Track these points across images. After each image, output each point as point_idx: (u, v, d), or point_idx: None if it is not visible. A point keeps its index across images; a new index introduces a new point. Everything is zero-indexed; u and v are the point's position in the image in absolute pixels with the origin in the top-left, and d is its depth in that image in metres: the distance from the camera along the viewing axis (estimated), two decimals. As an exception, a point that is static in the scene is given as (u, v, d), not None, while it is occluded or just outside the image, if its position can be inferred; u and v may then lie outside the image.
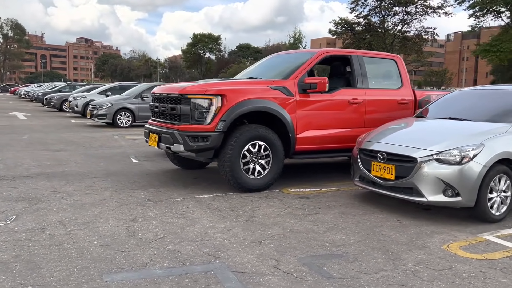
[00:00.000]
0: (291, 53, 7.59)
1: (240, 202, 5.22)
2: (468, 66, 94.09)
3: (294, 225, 4.36)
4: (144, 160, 8.19)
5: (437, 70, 67.43)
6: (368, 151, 5.24)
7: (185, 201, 5.19)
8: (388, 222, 4.58)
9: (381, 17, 37.38)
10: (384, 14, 37.03)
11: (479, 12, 33.39)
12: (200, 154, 5.63)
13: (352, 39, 38.60)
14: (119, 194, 5.42)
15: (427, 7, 35.85)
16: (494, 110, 5.42)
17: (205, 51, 72.32)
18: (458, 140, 4.68)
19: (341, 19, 38.33)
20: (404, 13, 36.70)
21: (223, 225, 4.30)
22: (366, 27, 37.78)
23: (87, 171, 6.98)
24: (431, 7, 35.58)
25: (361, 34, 37.57)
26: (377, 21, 37.75)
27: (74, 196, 5.26)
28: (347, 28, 38.57)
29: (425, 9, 35.91)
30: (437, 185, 4.53)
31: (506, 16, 33.25)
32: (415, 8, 36.13)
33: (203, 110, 5.51)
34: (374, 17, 37.56)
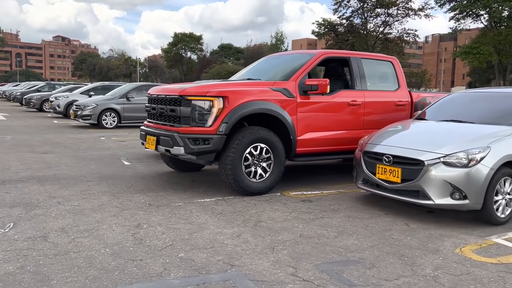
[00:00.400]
0: (289, 54, 7.52)
1: (244, 206, 5.11)
2: (446, 67, 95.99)
3: (303, 230, 4.28)
4: (136, 163, 7.99)
5: (416, 72, 68.46)
6: (373, 154, 5.21)
7: (187, 205, 5.06)
8: (396, 225, 4.54)
9: (363, 19, 37.73)
10: (366, 15, 37.39)
11: (459, 15, 34.07)
12: (201, 157, 5.50)
13: (335, 40, 38.85)
14: (118, 199, 5.25)
15: (408, 9, 36.39)
16: (495, 112, 5.46)
17: (187, 50, 71.77)
18: (464, 142, 4.68)
19: (324, 20, 38.57)
20: (386, 15, 37.15)
21: (231, 230, 4.19)
22: (349, 29, 38.08)
23: (80, 174, 6.76)
24: (412, 9, 36.13)
25: (344, 35, 37.85)
26: (360, 23, 38.13)
27: (71, 201, 5.07)
28: (330, 29, 38.82)
29: (406, 11, 36.45)
30: (444, 188, 4.52)
31: (485, 19, 34.02)
32: (397, 10, 36.63)
33: (204, 112, 5.39)
34: (357, 18, 37.95)
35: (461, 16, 34.01)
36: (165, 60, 76.81)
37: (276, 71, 6.64)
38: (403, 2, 35.84)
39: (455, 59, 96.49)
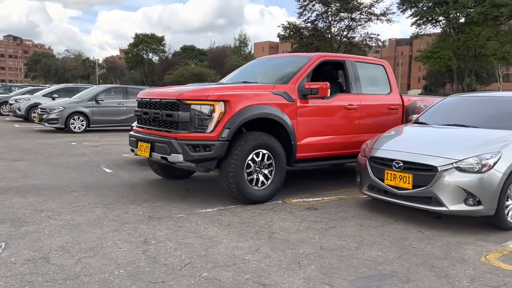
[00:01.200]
0: (283, 56, 7.33)
1: (250, 216, 4.86)
2: (403, 71, 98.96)
3: (321, 241, 4.08)
4: (118, 170, 7.55)
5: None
6: (380, 159, 5.09)
7: (191, 217, 4.75)
8: (411, 233, 4.43)
9: (327, 23, 38.22)
10: (330, 20, 37.89)
11: (419, 20, 35.17)
12: (201, 164, 5.21)
13: (300, 43, 39.13)
14: (113, 211, 4.86)
15: (370, 14, 37.19)
16: (496, 117, 5.48)
17: (148, 52, 70.32)
18: (474, 148, 4.64)
19: (289, 24, 38.78)
20: (350, 20, 37.80)
21: (247, 244, 3.93)
22: (313, 32, 38.44)
23: (61, 184, 6.27)
24: (374, 14, 36.95)
25: (309, 39, 38.18)
26: (324, 27, 38.55)
27: (62, 215, 4.64)
28: (295, 32, 39.05)
29: (369, 16, 37.24)
30: (458, 194, 4.45)
31: (444, 25, 35.25)
32: (360, 15, 37.35)
33: (204, 117, 5.10)
34: (321, 22, 38.35)
35: (422, 22, 35.11)
36: (126, 61, 74.92)
37: (272, 74, 6.44)
38: (366, 7, 36.62)
39: (411, 63, 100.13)
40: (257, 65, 7.17)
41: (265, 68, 6.86)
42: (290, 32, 39.09)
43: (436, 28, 36.25)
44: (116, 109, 14.89)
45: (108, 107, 14.75)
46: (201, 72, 51.79)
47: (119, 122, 15.04)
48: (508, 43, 31.19)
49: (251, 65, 7.33)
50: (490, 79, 54.67)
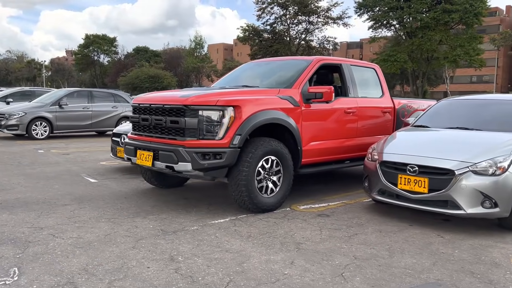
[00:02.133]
0: (280, 60, 7.18)
1: (266, 225, 4.68)
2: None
3: (351, 250, 3.98)
4: (103, 179, 7.12)
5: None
6: (392, 164, 5.07)
7: (206, 229, 4.51)
8: (431, 237, 4.43)
9: (286, 26, 38.56)
10: (289, 23, 38.25)
11: (375, 24, 36.29)
12: (210, 173, 4.97)
13: (260, 46, 39.22)
14: (121, 226, 4.53)
15: (327, 17, 37.89)
16: (496, 119, 5.62)
17: (100, 53, 67.97)
18: (487, 151, 4.71)
19: (248, 26, 38.75)
20: (307, 23, 38.31)
21: (279, 257, 3.76)
22: (272, 35, 38.65)
23: (48, 196, 5.81)
24: (331, 18, 37.69)
25: (268, 42, 38.35)
26: (283, 29, 38.85)
27: (67, 233, 4.26)
28: (255, 34, 39.09)
29: (326, 20, 37.92)
30: (475, 197, 4.50)
31: (398, 28, 36.57)
32: (317, 18, 37.96)
33: (213, 123, 4.87)
34: (280, 25, 38.62)
35: (377, 26, 36.24)
36: (76, 63, 72.05)
37: (271, 78, 6.29)
38: (323, 10, 37.26)
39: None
40: (251, 69, 6.99)
41: (262, 72, 6.70)
42: (249, 35, 39.09)
43: (391, 32, 37.58)
44: (81, 114, 14.20)
45: (73, 111, 14.03)
46: (157, 74, 50.65)
47: (84, 128, 14.35)
48: (458, 47, 32.87)
49: (244, 69, 7.15)
50: (437, 80, 57.33)
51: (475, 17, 31.97)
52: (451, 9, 31.17)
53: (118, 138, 7.82)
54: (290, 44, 38.60)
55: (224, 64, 61.97)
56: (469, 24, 32.43)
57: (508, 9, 75.36)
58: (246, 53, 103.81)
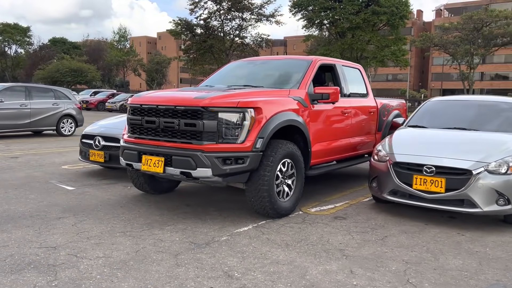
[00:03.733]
0: (278, 59, 6.98)
1: (293, 231, 4.54)
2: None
3: (395, 254, 3.97)
4: (80, 187, 6.48)
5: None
6: (405, 164, 5.16)
7: (236, 238, 4.25)
8: (454, 236, 4.57)
9: (220, 21, 38.14)
10: (222, 18, 37.86)
11: (308, 23, 37.20)
12: (230, 178, 4.70)
13: (193, 40, 38.41)
14: (144, 240, 4.12)
15: (260, 14, 38.08)
16: (490, 120, 5.95)
17: (11, 43, 62.39)
18: (497, 151, 4.97)
19: (180, 20, 37.68)
20: (241, 19, 38.22)
21: (334, 266, 3.64)
22: (206, 30, 38.02)
23: (31, 208, 5.15)
24: (264, 15, 37.93)
25: (202, 37, 37.68)
26: (216, 25, 38.43)
27: (88, 251, 3.78)
28: (187, 29, 38.18)
29: (259, 17, 38.08)
30: (491, 196, 4.72)
31: (328, 28, 37.83)
32: (250, 15, 38.02)
33: (234, 126, 4.60)
34: (214, 20, 38.12)
35: (309, 25, 37.20)
36: (-18, 54, 65.49)
37: (273, 78, 6.10)
38: (257, 7, 37.40)
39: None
40: (245, 68, 6.73)
41: (259, 71, 6.45)
42: (181, 29, 38.13)
43: (322, 31, 38.78)
44: (18, 112, 12.87)
45: (8, 109, 12.66)
46: (80, 67, 47.67)
47: (21, 127, 13.04)
48: (386, 48, 34.83)
49: (235, 67, 6.87)
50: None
51: (400, 19, 34.18)
52: (380, 11, 32.95)
53: (90, 140, 7.19)
54: (224, 40, 38.28)
55: (151, 58, 59.82)
56: (395, 26, 34.57)
57: (419, 13, 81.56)
58: (171, 47, 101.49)
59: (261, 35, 38.81)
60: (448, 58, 38.14)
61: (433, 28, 69.46)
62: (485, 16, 31.18)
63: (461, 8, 72.71)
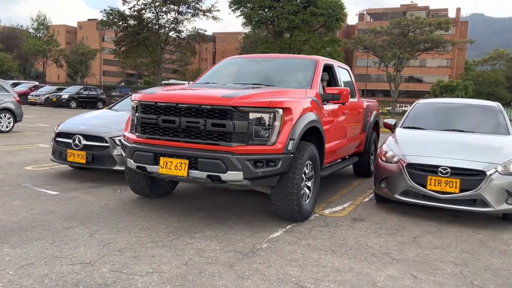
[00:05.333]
0: (281, 57, 6.74)
1: (326, 235, 4.45)
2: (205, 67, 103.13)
3: (438, 256, 4.03)
4: (64, 191, 5.85)
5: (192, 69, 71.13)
6: (419, 166, 5.28)
7: (278, 246, 4.06)
8: (474, 236, 4.74)
9: (155, 14, 36.77)
10: (157, 11, 36.56)
11: (247, 21, 37.16)
12: (260, 182, 4.48)
13: (125, 32, 36.60)
14: (183, 251, 3.78)
15: (196, 9, 37.34)
16: (482, 122, 6.30)
17: None
18: (504, 152, 5.26)
19: (112, 10, 35.70)
20: (176, 13, 37.19)
21: (393, 272, 3.60)
22: (139, 22, 36.46)
23: (24, 218, 4.54)
24: (201, 10, 37.24)
25: (136, 28, 36.04)
26: (151, 17, 37.00)
27: (132, 266, 3.38)
28: (119, 20, 36.30)
29: (195, 11, 37.32)
30: (502, 195, 4.99)
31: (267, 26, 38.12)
32: (187, 9, 37.13)
33: (264, 127, 4.39)
34: (149, 12, 36.66)
35: (248, 22, 37.20)
36: None
37: (282, 77, 5.90)
38: (194, 1, 36.60)
39: (214, 59, 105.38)
40: (246, 65, 6.45)
41: (265, 70, 6.22)
42: (113, 19, 36.21)
43: (261, 29, 38.99)
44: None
45: None
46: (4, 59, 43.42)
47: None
48: (322, 48, 35.91)
49: (238, 64, 6.56)
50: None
51: (336, 21, 35.41)
52: (317, 13, 33.86)
53: (67, 139, 6.52)
54: (159, 33, 37.02)
55: (76, 48, 56.07)
56: (331, 27, 35.77)
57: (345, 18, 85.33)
58: (93, 38, 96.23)
59: (198, 30, 38.07)
60: (376, 61, 40.35)
61: (356, 31, 73.01)
62: (411, 23, 33.40)
63: (381, 14, 77.38)
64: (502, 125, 6.20)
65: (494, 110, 6.58)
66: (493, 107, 6.68)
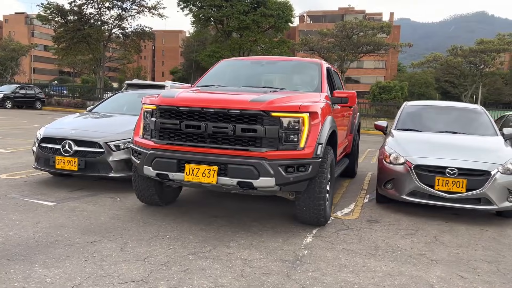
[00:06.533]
0: (285, 60, 6.63)
1: (355, 239, 4.49)
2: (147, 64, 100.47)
3: (466, 255, 4.21)
4: (59, 201, 5.43)
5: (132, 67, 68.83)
6: (426, 167, 5.47)
7: (317, 252, 4.03)
8: (485, 233, 4.99)
9: (97, 9, 35.11)
10: (100, 6, 34.92)
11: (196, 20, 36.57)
12: (290, 187, 4.42)
13: (65, 28, 34.56)
14: (230, 261, 3.64)
15: (141, 6, 36.16)
16: (470, 124, 6.66)
17: None
18: (499, 153, 5.60)
19: (50, 4, 33.51)
20: (120, 9, 35.76)
21: (439, 273, 3.70)
22: (80, 17, 34.60)
23: (36, 233, 4.15)
24: (146, 7, 36.11)
25: (76, 24, 34.15)
26: (93, 13, 35.27)
27: (187, 281, 3.19)
28: (59, 15, 34.21)
29: (140, 8, 36.14)
30: (504, 193, 5.31)
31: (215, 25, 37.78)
32: (131, 5, 35.84)
33: (294, 132, 4.34)
34: (90, 7, 34.91)
35: (197, 21, 36.65)
36: None
37: (290, 80, 5.87)
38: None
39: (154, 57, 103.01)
40: (251, 68, 6.28)
41: (271, 73, 6.14)
42: (51, 14, 34.08)
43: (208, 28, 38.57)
44: None
45: None
46: None
47: None
48: (273, 49, 36.22)
49: (240, 67, 6.38)
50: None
51: (286, 23, 35.88)
52: (267, 13, 34.10)
53: (55, 144, 6.05)
54: (101, 29, 35.40)
55: (5, 44, 52.04)
56: (280, 28, 36.18)
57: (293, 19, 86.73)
58: (22, 33, 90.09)
59: (144, 27, 36.94)
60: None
61: (297, 33, 74.48)
62: (356, 26, 34.67)
63: (321, 16, 79.57)
64: (490, 127, 6.59)
65: (479, 112, 6.99)
66: (477, 109, 7.10)
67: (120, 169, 5.95)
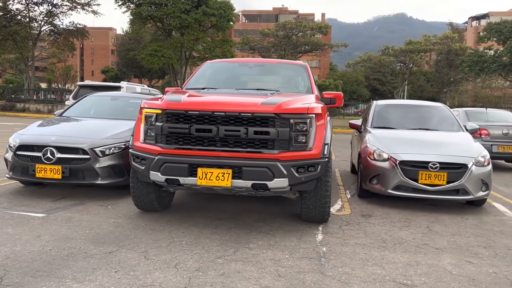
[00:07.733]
0: (272, 62, 6.67)
1: (359, 233, 4.71)
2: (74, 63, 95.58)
3: (464, 242, 4.57)
4: (48, 212, 5.15)
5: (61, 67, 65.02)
6: (410, 163, 5.84)
7: (335, 248, 4.19)
8: (468, 221, 5.44)
9: (24, 5, 32.85)
10: (28, 2, 32.70)
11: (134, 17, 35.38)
12: (300, 187, 4.55)
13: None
14: (264, 268, 3.69)
15: (74, 2, 34.40)
16: (438, 121, 7.17)
17: None
18: (473, 148, 6.12)
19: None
20: (50, 5, 33.77)
21: (447, 261, 4.01)
22: (5, 13, 32.17)
23: (46, 247, 3.93)
24: (79, 3, 34.40)
25: (2, 20, 31.67)
26: (20, 8, 32.97)
27: (230, 287, 3.21)
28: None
29: (72, 4, 34.35)
30: (478, 184, 5.82)
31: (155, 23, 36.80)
32: (62, 1, 33.96)
33: (303, 133, 4.48)
34: (17, 3, 32.59)
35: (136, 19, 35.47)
36: None
37: (281, 82, 5.96)
38: (71, -7, 33.65)
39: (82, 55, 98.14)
40: (239, 70, 6.29)
41: (260, 74, 6.18)
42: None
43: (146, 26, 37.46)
44: None
45: None
46: None
47: None
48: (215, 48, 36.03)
49: (227, 69, 6.36)
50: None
51: (228, 22, 35.82)
52: (210, 13, 33.82)
53: (34, 152, 5.71)
54: (30, 26, 33.23)
55: None
56: (222, 28, 36.05)
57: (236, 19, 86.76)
58: None
59: (77, 25, 35.21)
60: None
61: (233, 32, 74.74)
62: (295, 26, 35.53)
63: (256, 16, 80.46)
64: (455, 123, 7.16)
65: (443, 109, 7.56)
66: (441, 107, 7.67)
67: (107, 175, 5.74)
